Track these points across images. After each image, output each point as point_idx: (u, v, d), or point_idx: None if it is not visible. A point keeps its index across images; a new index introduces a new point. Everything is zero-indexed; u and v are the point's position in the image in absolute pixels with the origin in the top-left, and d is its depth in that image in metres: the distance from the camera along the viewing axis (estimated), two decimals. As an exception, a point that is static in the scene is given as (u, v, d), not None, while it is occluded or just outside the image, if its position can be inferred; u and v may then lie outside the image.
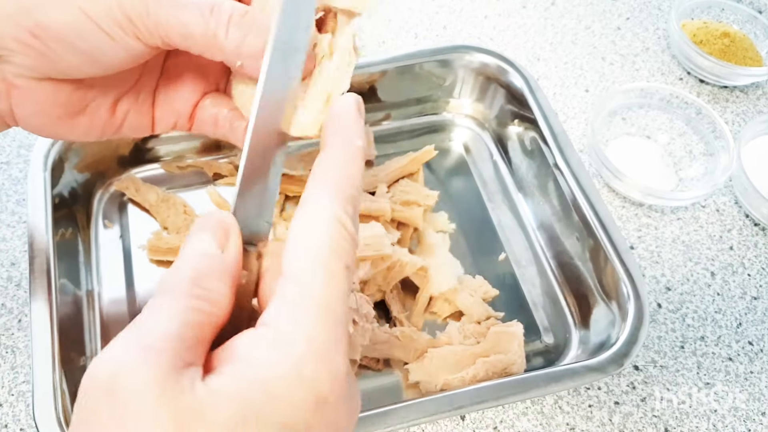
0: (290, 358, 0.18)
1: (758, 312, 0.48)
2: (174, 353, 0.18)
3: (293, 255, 0.21)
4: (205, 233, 0.22)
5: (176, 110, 0.31)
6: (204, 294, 0.20)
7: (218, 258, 0.21)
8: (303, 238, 0.21)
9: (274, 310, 0.20)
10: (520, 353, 0.40)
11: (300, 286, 0.20)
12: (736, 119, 0.59)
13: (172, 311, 0.19)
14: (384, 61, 0.50)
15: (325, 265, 0.20)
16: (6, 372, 0.41)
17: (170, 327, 0.19)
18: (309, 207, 0.22)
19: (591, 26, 0.65)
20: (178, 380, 0.17)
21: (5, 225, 0.48)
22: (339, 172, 0.22)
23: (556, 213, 0.47)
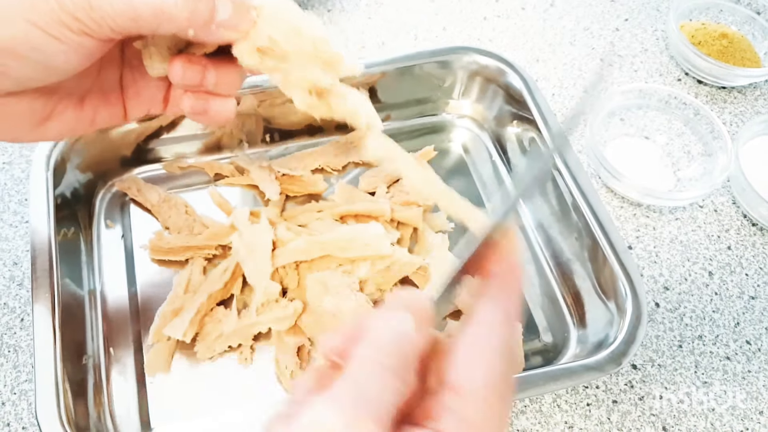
0: None
1: (756, 311, 0.48)
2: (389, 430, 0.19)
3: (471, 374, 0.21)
4: (410, 315, 0.22)
5: (147, 96, 0.32)
6: (404, 376, 0.20)
7: (416, 343, 0.21)
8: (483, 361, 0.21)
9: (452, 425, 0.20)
10: (519, 352, 0.40)
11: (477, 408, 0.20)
12: (734, 120, 0.60)
13: (386, 386, 0.19)
14: (384, 62, 0.50)
15: (500, 393, 0.21)
16: (8, 371, 0.42)
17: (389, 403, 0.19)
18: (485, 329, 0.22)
19: (590, 27, 0.66)
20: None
21: (8, 225, 0.48)
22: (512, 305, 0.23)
23: (555, 213, 0.47)
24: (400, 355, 0.20)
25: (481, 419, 0.20)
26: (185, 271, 0.44)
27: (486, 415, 0.20)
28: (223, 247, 0.45)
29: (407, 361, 0.20)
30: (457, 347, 0.22)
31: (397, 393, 0.19)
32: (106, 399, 0.40)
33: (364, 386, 0.19)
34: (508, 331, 0.22)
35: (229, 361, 0.42)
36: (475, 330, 0.22)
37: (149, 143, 0.49)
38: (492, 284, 0.24)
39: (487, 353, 0.21)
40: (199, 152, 0.51)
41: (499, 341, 0.22)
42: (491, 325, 0.22)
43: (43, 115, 0.29)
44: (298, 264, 0.43)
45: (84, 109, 0.30)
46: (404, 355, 0.20)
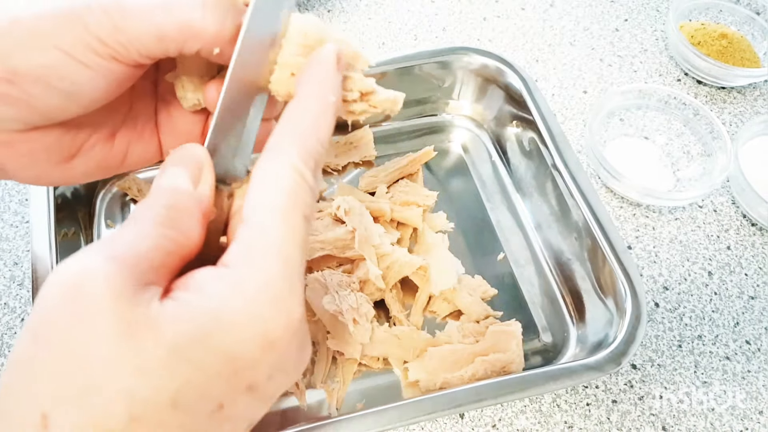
0: (244, 297, 0.19)
1: (755, 311, 0.48)
2: (138, 269, 0.19)
3: (253, 200, 0.21)
4: (180, 168, 0.22)
5: (183, 132, 0.30)
6: (176, 224, 0.21)
7: (191, 194, 0.22)
8: (263, 185, 0.21)
9: (233, 252, 0.20)
10: (519, 352, 0.40)
11: (257, 230, 0.20)
12: (734, 120, 0.60)
13: (143, 233, 0.20)
14: (384, 63, 0.50)
15: (282, 212, 0.21)
16: (9, 371, 0.42)
17: (139, 245, 0.19)
18: (271, 155, 0.22)
19: (589, 28, 0.66)
20: (136, 293, 0.18)
21: (8, 225, 0.48)
22: (306, 124, 0.23)
23: (555, 213, 0.47)
24: (169, 206, 0.21)
25: (265, 242, 0.20)
26: (185, 271, 0.44)
27: (272, 237, 0.20)
28: (223, 247, 0.45)
29: (180, 211, 0.21)
30: (251, 180, 0.22)
31: (161, 238, 0.20)
32: (107, 399, 0.40)
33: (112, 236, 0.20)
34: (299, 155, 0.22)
35: (229, 361, 0.42)
36: (263, 156, 0.22)
37: (149, 143, 0.49)
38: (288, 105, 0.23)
39: (270, 178, 0.21)
40: (199, 152, 0.51)
41: (286, 164, 0.21)
42: (278, 149, 0.22)
43: (70, 152, 0.27)
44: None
45: (115, 145, 0.29)
46: (175, 206, 0.21)
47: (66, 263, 0.19)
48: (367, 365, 0.42)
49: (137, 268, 0.19)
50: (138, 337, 0.18)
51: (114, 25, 0.24)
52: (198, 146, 0.23)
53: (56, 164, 0.27)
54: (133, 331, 0.18)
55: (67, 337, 0.18)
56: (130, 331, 0.18)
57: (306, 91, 0.23)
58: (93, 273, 0.18)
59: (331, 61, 0.24)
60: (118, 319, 0.18)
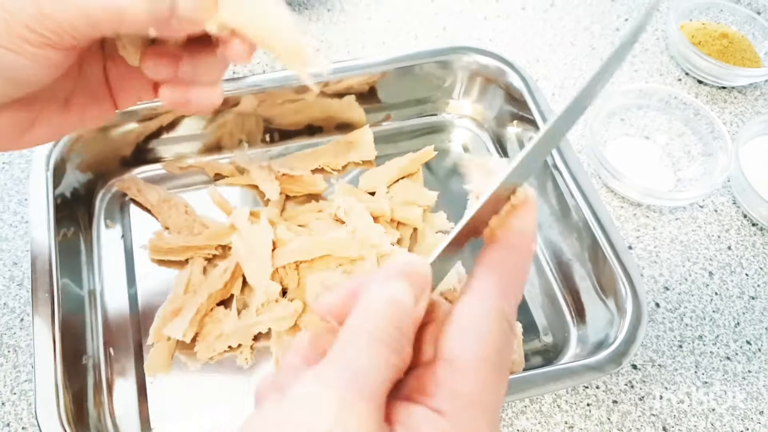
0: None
1: (756, 311, 0.48)
2: (383, 406, 0.18)
3: (466, 347, 0.20)
4: (407, 284, 0.21)
5: (135, 86, 0.30)
6: (399, 348, 0.20)
7: (413, 314, 0.20)
8: (478, 334, 0.20)
9: (445, 401, 0.19)
10: (519, 352, 0.40)
11: (473, 382, 0.20)
12: (735, 120, 0.60)
13: (379, 361, 0.19)
14: (384, 62, 0.50)
15: (497, 367, 0.20)
16: (8, 371, 0.42)
17: (381, 379, 0.19)
18: (481, 299, 0.21)
19: (590, 27, 0.66)
20: None
21: (7, 225, 0.48)
22: (514, 274, 0.22)
23: (555, 213, 0.47)
24: (394, 327, 0.19)
25: (475, 392, 0.19)
26: (185, 271, 0.44)
27: (480, 388, 0.20)
28: (223, 247, 0.45)
29: (402, 333, 0.20)
30: (452, 317, 0.21)
31: (391, 368, 0.19)
32: (106, 399, 0.40)
33: (356, 362, 0.18)
34: (507, 302, 0.21)
35: (229, 361, 0.42)
36: (471, 299, 0.21)
37: (149, 143, 0.49)
38: (494, 252, 0.22)
39: (481, 324, 0.20)
40: (199, 152, 0.51)
41: (495, 311, 0.21)
42: (488, 294, 0.21)
43: (26, 124, 0.28)
44: (298, 264, 0.43)
45: (71, 110, 0.29)
46: (399, 327, 0.20)
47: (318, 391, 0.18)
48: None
49: (380, 403, 0.18)
50: None
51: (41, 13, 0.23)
52: (425, 263, 0.22)
53: (16, 136, 0.28)
54: None
55: None
56: None
57: (514, 240, 0.22)
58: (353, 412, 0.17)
59: (534, 207, 0.23)
60: None
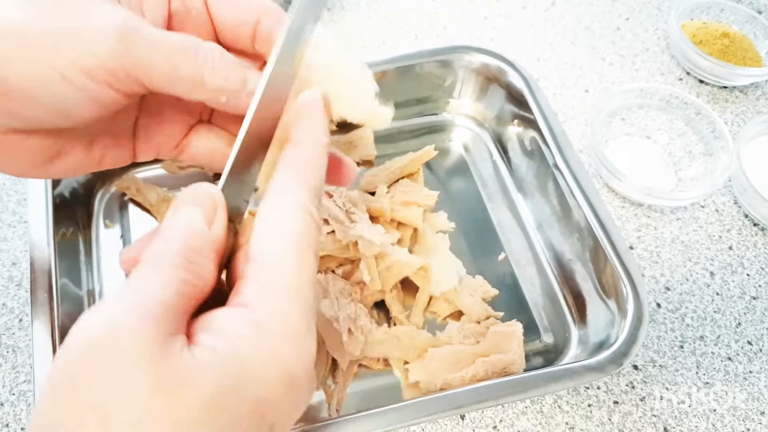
0: (267, 339, 0.19)
1: (757, 312, 0.48)
2: (167, 321, 0.19)
3: (265, 240, 0.21)
4: (196, 208, 0.22)
5: (158, 143, 0.31)
6: (193, 268, 0.20)
7: (207, 234, 0.22)
8: (275, 225, 0.22)
9: (250, 292, 0.20)
10: (520, 353, 0.40)
11: (274, 270, 0.21)
12: (736, 119, 0.59)
13: (165, 280, 0.20)
14: (384, 62, 0.50)
15: (297, 251, 0.21)
16: (7, 371, 0.41)
17: (165, 295, 0.19)
18: (279, 197, 0.22)
19: (591, 27, 0.65)
20: (166, 345, 0.18)
21: (6, 225, 0.48)
22: (307, 166, 0.23)
23: (556, 213, 0.47)
24: (184, 248, 0.20)
25: (280, 281, 0.20)
26: (184, 272, 0.44)
27: (286, 276, 0.21)
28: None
29: (196, 252, 0.21)
30: (256, 219, 0.22)
31: (180, 283, 0.20)
32: (105, 400, 0.40)
33: (132, 285, 0.19)
34: (305, 193, 0.22)
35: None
36: (270, 198, 0.22)
37: (148, 143, 0.49)
38: (287, 149, 0.24)
39: (280, 217, 0.22)
40: (198, 152, 0.51)
41: (293, 204, 0.22)
42: (284, 189, 0.22)
43: (50, 155, 0.28)
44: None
45: (93, 151, 0.29)
46: (190, 248, 0.21)
47: (92, 316, 0.18)
48: (367, 366, 0.42)
49: (164, 318, 0.19)
50: (173, 391, 0.17)
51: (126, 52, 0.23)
52: (212, 186, 0.23)
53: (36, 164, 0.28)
54: (168, 385, 0.17)
55: (95, 393, 0.17)
56: (164, 386, 0.17)
57: (301, 136, 0.24)
58: (126, 328, 0.18)
59: (318, 106, 0.25)
60: (152, 375, 0.17)
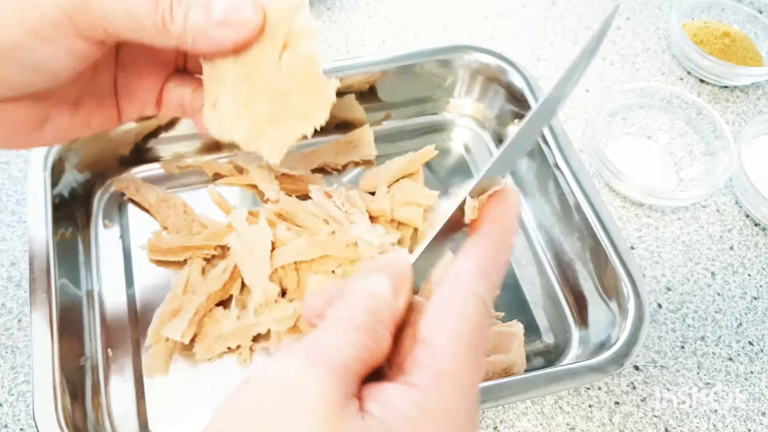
0: (432, 426, 0.20)
1: (758, 312, 0.48)
2: (349, 381, 0.19)
3: (437, 324, 0.21)
4: (384, 277, 0.22)
5: (141, 98, 0.31)
6: (374, 334, 0.21)
7: (390, 304, 0.22)
8: (453, 314, 0.21)
9: (421, 376, 0.20)
10: (521, 353, 0.40)
11: (447, 358, 0.21)
12: (737, 119, 0.59)
13: (351, 341, 0.20)
14: (384, 61, 0.50)
15: (472, 345, 0.21)
16: (6, 372, 0.41)
17: (349, 356, 0.19)
18: (460, 284, 0.22)
19: (591, 26, 0.65)
20: (346, 406, 0.19)
21: (5, 225, 0.48)
22: (491, 261, 0.23)
23: (556, 213, 0.47)
24: (369, 313, 0.21)
25: (449, 368, 0.20)
26: (184, 272, 0.43)
27: (454, 364, 0.20)
28: (222, 248, 0.45)
29: (377, 319, 0.21)
30: (430, 303, 0.22)
31: (362, 348, 0.20)
32: (105, 400, 0.40)
33: (322, 340, 0.20)
34: (484, 284, 0.22)
35: (228, 362, 0.41)
36: (448, 283, 0.22)
37: (147, 142, 0.49)
38: (472, 238, 0.24)
39: (457, 305, 0.21)
40: (197, 151, 0.50)
41: (471, 293, 0.22)
42: (464, 278, 0.22)
43: (40, 120, 0.29)
44: (298, 264, 0.43)
45: (79, 112, 0.30)
46: (374, 314, 0.21)
47: (283, 365, 0.19)
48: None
49: (347, 379, 0.19)
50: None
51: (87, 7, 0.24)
52: (404, 259, 0.23)
53: (27, 132, 0.29)
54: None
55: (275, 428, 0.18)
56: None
57: (492, 228, 0.24)
58: (311, 377, 0.18)
59: (517, 204, 0.25)
60: (331, 430, 0.18)
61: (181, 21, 0.25)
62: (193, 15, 0.25)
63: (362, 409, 0.19)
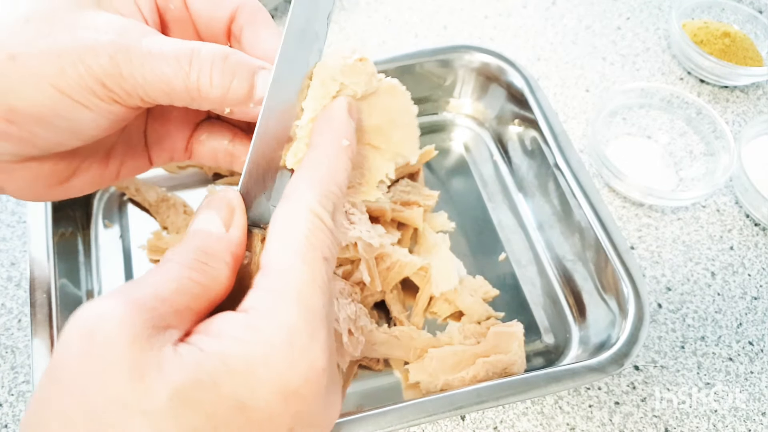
0: (260, 343, 0.19)
1: (758, 312, 0.48)
2: (157, 313, 0.19)
3: (271, 245, 0.21)
4: (212, 212, 0.22)
5: (170, 147, 0.31)
6: (204, 268, 0.21)
7: (222, 237, 0.22)
8: (281, 230, 0.21)
9: (252, 297, 0.20)
10: (521, 353, 0.40)
11: (277, 275, 0.20)
12: (737, 119, 0.59)
13: (168, 276, 0.20)
14: (384, 61, 0.50)
15: (301, 255, 0.21)
16: (6, 372, 0.41)
17: (162, 289, 0.19)
18: (289, 201, 0.22)
19: (591, 26, 0.65)
20: (151, 337, 0.18)
21: (5, 225, 0.48)
22: (322, 168, 0.23)
23: (557, 213, 0.47)
24: (199, 250, 0.21)
25: (286, 287, 0.20)
26: (184, 272, 0.43)
27: (293, 282, 0.20)
28: (223, 247, 0.45)
29: (211, 255, 0.21)
30: (269, 227, 0.22)
31: (189, 283, 0.20)
32: (104, 400, 0.40)
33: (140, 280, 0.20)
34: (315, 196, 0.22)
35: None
36: (282, 203, 0.22)
37: (148, 142, 0.49)
38: (306, 155, 0.24)
39: (291, 224, 0.21)
40: (198, 151, 0.50)
41: (301, 209, 0.22)
42: (295, 195, 0.22)
43: (67, 175, 0.28)
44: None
45: (109, 164, 0.29)
46: (206, 251, 0.21)
47: (87, 305, 0.19)
48: (368, 366, 0.41)
49: (156, 311, 0.19)
50: (145, 380, 0.18)
51: (120, 72, 0.23)
52: (231, 190, 0.23)
53: (53, 186, 0.28)
54: (142, 374, 0.18)
55: (79, 379, 0.18)
56: (138, 374, 0.18)
57: (320, 139, 0.24)
58: (109, 316, 0.18)
59: (342, 109, 0.25)
60: (129, 363, 0.18)
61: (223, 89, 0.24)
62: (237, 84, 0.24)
63: (183, 341, 0.19)
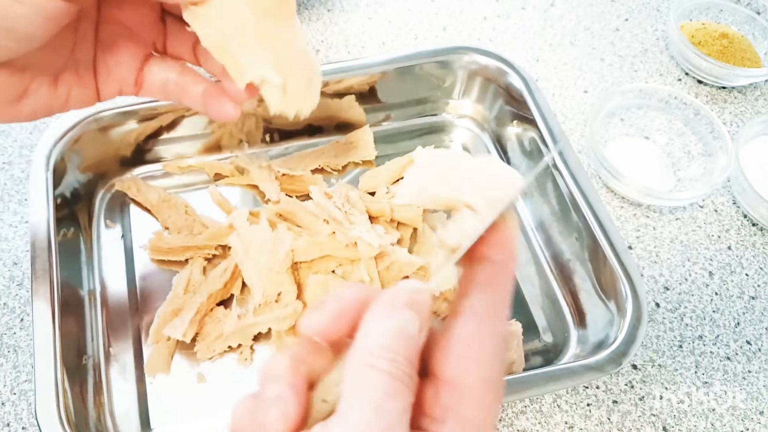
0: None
1: (756, 311, 0.48)
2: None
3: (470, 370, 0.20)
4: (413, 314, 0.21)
5: (118, 78, 0.31)
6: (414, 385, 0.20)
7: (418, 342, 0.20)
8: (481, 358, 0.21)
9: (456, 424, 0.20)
10: (519, 352, 0.40)
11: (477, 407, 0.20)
12: (735, 120, 0.60)
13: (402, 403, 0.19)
14: (384, 62, 0.50)
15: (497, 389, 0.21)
16: (8, 371, 0.42)
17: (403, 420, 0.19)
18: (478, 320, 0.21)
19: (590, 27, 0.66)
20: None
21: (7, 225, 0.48)
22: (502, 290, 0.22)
23: (555, 213, 0.47)
24: (408, 362, 0.19)
25: (479, 416, 0.20)
26: (185, 272, 0.44)
27: (484, 412, 0.20)
28: (223, 247, 0.45)
29: (413, 365, 0.20)
30: (451, 340, 0.21)
31: (408, 406, 0.19)
32: (106, 399, 0.40)
33: (383, 407, 0.18)
34: (502, 322, 0.22)
35: (229, 361, 0.42)
36: (469, 320, 0.21)
37: (149, 143, 0.49)
38: (486, 271, 0.23)
39: (482, 347, 0.21)
40: (199, 152, 0.51)
41: (493, 333, 0.21)
42: (485, 316, 0.21)
43: (18, 92, 0.29)
44: (299, 264, 0.43)
45: (58, 87, 0.30)
46: (410, 360, 0.19)
47: None
48: (368, 365, 0.42)
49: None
50: None
51: None
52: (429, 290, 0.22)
53: (5, 104, 0.28)
54: None
55: None
56: None
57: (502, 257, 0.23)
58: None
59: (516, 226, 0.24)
60: None
61: None
62: None
63: None
